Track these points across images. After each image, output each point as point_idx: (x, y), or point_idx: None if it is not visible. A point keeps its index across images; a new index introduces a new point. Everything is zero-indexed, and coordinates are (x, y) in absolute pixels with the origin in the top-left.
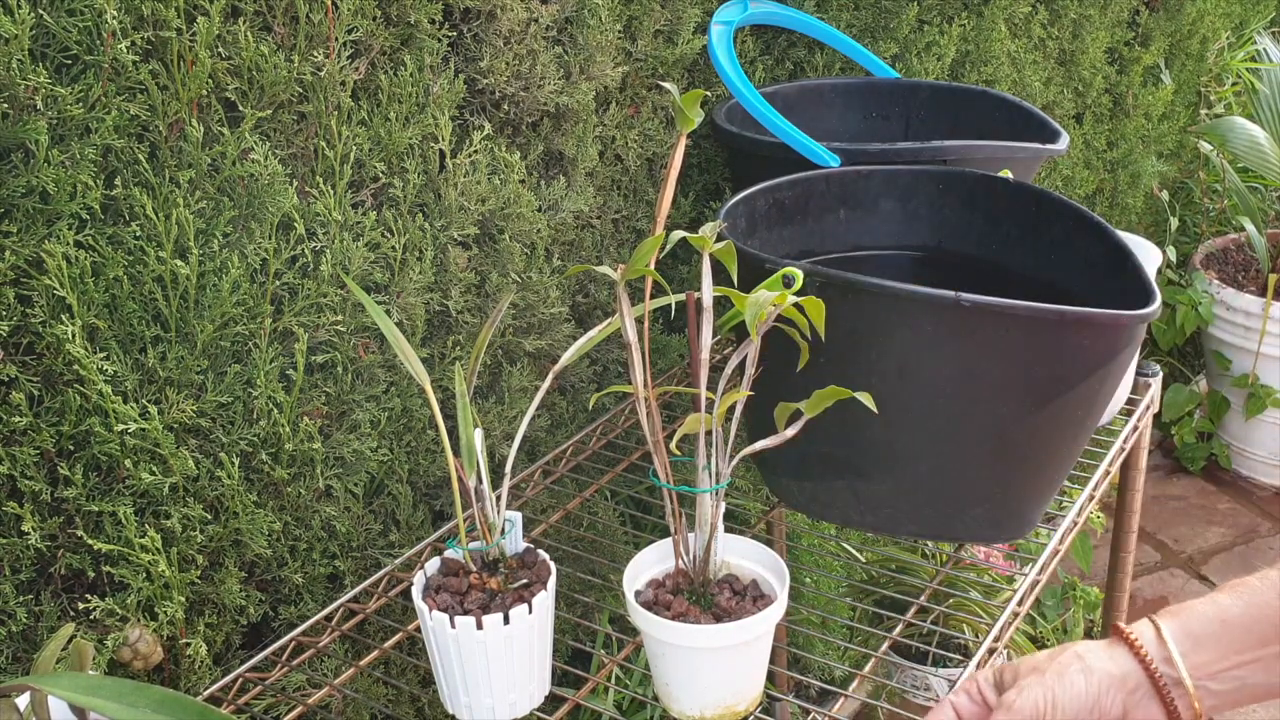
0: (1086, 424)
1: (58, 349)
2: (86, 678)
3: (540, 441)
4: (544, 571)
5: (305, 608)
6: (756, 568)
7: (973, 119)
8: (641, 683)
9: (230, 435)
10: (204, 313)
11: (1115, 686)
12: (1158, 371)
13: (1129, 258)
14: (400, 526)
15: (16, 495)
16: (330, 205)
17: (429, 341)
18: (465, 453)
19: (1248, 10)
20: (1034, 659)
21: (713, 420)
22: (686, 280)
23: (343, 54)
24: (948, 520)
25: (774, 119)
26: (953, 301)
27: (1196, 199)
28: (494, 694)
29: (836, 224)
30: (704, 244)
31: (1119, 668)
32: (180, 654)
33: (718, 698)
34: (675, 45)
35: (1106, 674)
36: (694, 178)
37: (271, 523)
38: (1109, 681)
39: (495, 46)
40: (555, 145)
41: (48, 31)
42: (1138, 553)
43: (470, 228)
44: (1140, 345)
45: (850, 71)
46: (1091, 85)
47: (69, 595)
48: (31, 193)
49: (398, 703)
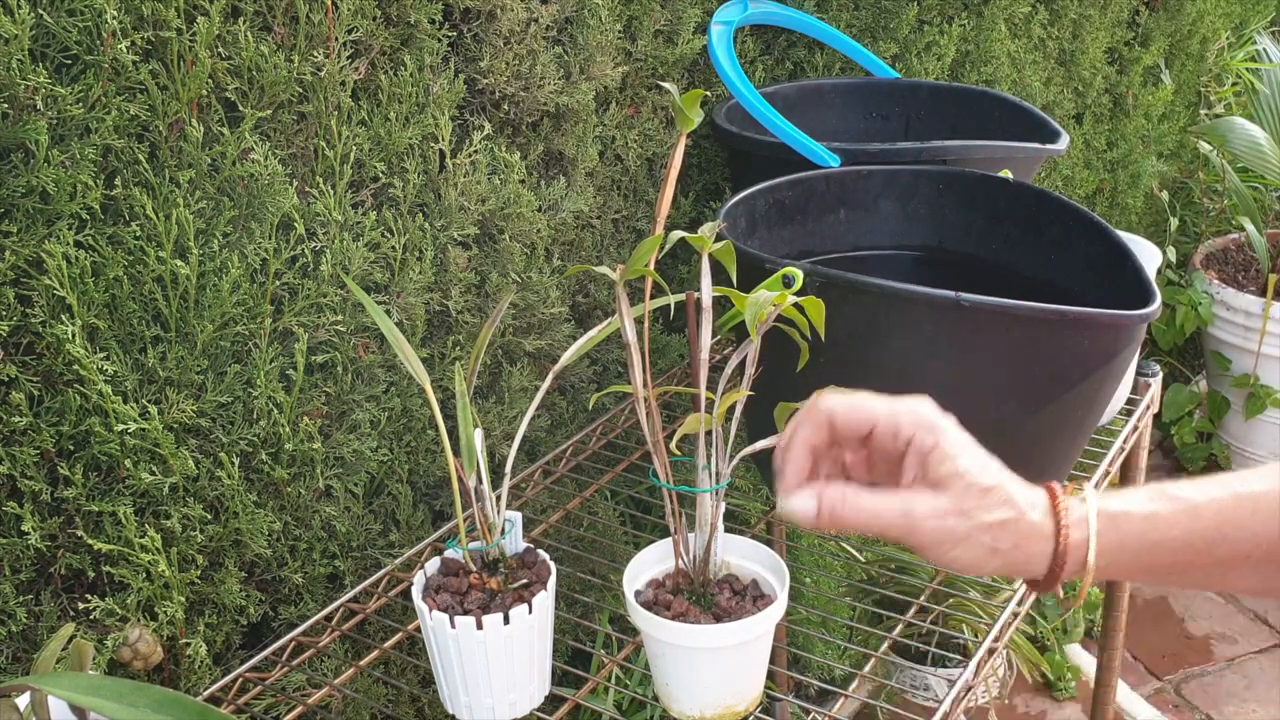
0: (1086, 424)
1: (58, 349)
2: (86, 678)
3: (540, 441)
4: (544, 571)
5: (305, 608)
6: (756, 568)
7: (973, 119)
8: (641, 683)
9: (230, 435)
10: (204, 313)
11: (1019, 548)
12: (1158, 371)
13: (1129, 258)
14: (400, 526)
15: (16, 495)
16: (330, 205)
17: (429, 341)
18: (465, 453)
19: (1248, 10)
20: (962, 472)
21: (713, 420)
22: (686, 280)
23: (343, 54)
24: None
25: (774, 119)
26: (953, 301)
27: (1196, 199)
28: (494, 694)
29: (836, 224)
30: (703, 244)
31: (1033, 549)
32: (180, 654)
33: (718, 698)
34: (675, 45)
35: (1018, 547)
36: (694, 178)
37: (271, 523)
38: (1016, 548)
39: (495, 46)
40: (555, 145)
41: (48, 31)
42: None
43: (470, 228)
44: (1140, 345)
45: (850, 71)
46: (1091, 85)
47: (69, 595)
48: (31, 193)
49: (398, 703)
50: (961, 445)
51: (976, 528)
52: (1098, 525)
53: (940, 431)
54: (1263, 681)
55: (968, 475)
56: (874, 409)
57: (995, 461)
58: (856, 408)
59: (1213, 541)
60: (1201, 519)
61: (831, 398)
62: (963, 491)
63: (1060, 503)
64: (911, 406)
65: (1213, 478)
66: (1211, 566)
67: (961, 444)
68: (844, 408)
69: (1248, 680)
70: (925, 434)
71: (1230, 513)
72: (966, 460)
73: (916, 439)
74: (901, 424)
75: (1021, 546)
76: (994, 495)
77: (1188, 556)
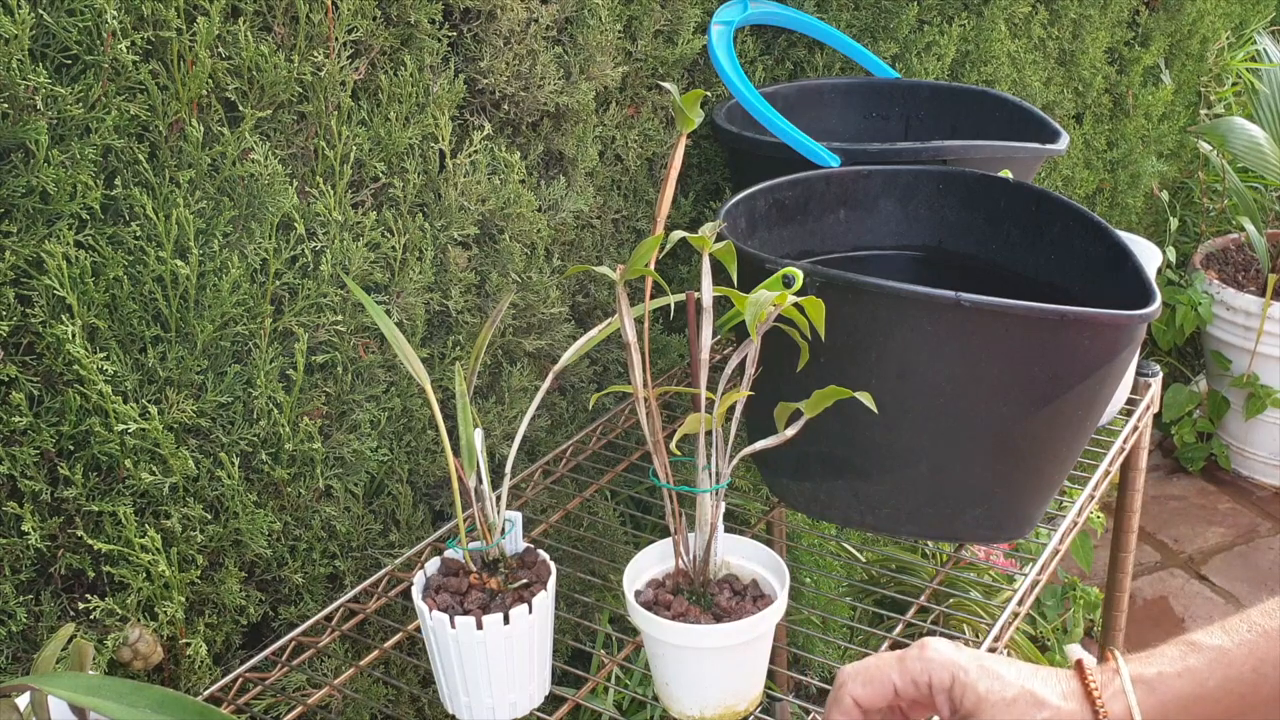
0: (1086, 424)
1: (58, 349)
2: (86, 678)
3: (540, 441)
4: (544, 571)
5: (305, 608)
6: (756, 568)
7: (973, 119)
8: (641, 683)
9: (230, 435)
10: (204, 313)
11: None
12: (1158, 371)
13: (1129, 258)
14: (400, 526)
15: (16, 495)
16: (330, 205)
17: (429, 341)
18: (465, 453)
19: (1248, 10)
20: (984, 695)
21: (713, 420)
22: (686, 280)
23: (343, 54)
24: (948, 520)
25: (774, 119)
26: (953, 301)
27: (1196, 199)
28: (494, 694)
29: (836, 224)
30: (704, 244)
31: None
32: (180, 654)
33: (718, 698)
34: (675, 45)
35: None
36: (694, 178)
37: (271, 523)
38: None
39: (495, 46)
40: (555, 145)
41: (48, 31)
42: (1138, 553)
43: (470, 228)
44: (1140, 345)
45: (850, 71)
46: (1091, 85)
47: (69, 595)
48: (31, 193)
49: (398, 703)
50: (976, 670)
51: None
52: (1136, 694)
53: (954, 666)
54: None
55: (990, 696)
56: (887, 673)
57: (1012, 664)
58: (873, 682)
59: (1252, 684)
60: (1235, 665)
61: (849, 681)
62: (992, 714)
63: (1091, 684)
64: (917, 654)
65: (1237, 617)
66: (1258, 706)
67: (975, 668)
68: (863, 687)
69: None
70: (940, 672)
71: (1263, 653)
72: (985, 683)
73: (935, 680)
74: (915, 673)
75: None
76: (1020, 704)
77: (1230, 703)
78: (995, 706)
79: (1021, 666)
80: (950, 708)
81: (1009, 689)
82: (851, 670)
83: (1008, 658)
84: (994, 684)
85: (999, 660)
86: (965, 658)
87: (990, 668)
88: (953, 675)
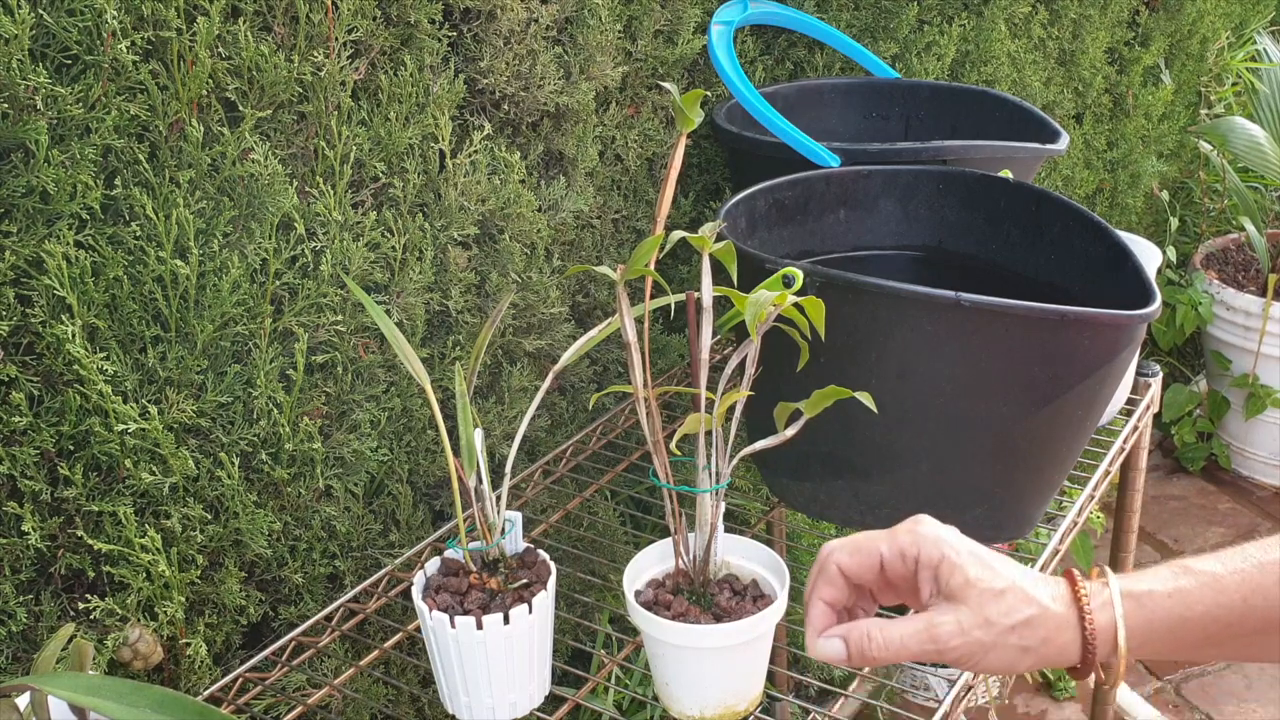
0: (1086, 424)
1: (58, 349)
2: (86, 678)
3: (540, 441)
4: (544, 571)
5: (305, 608)
6: (756, 568)
7: (973, 119)
8: (641, 683)
9: (230, 435)
10: (204, 313)
11: (1048, 642)
12: (1158, 371)
13: (1129, 258)
14: (400, 526)
15: (16, 495)
16: (330, 205)
17: (429, 341)
18: (465, 453)
19: (1248, 10)
20: (973, 580)
21: (713, 420)
22: (686, 280)
23: (343, 54)
24: (948, 520)
25: (774, 119)
26: (953, 301)
27: (1196, 199)
28: (494, 694)
29: (836, 224)
30: (704, 244)
31: (1062, 640)
32: (180, 654)
33: (718, 697)
34: (675, 45)
35: (1047, 641)
36: (694, 178)
37: (271, 523)
38: (1045, 651)
39: (495, 46)
40: (555, 145)
41: (48, 31)
42: (1138, 553)
43: (470, 228)
44: (1140, 345)
45: (850, 71)
46: (1091, 85)
47: (69, 595)
48: (31, 193)
49: (398, 703)
50: (967, 554)
51: (1002, 632)
52: (1124, 607)
53: (943, 543)
54: (1262, 681)
55: (979, 583)
56: (875, 545)
57: (1003, 559)
58: (860, 551)
59: (1241, 614)
60: (1226, 592)
61: (836, 550)
62: (979, 600)
63: (1081, 590)
64: (909, 528)
65: (1233, 549)
66: (1243, 638)
67: (966, 552)
68: (849, 556)
69: (1248, 680)
70: (929, 548)
71: (1255, 583)
72: (975, 569)
73: (922, 555)
74: (904, 546)
75: (1050, 640)
76: (1010, 597)
77: (1216, 630)
78: (984, 595)
79: (1013, 563)
80: (933, 587)
81: (999, 580)
82: (839, 541)
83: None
84: (984, 572)
85: (991, 552)
86: (956, 538)
87: (982, 556)
88: (942, 553)
